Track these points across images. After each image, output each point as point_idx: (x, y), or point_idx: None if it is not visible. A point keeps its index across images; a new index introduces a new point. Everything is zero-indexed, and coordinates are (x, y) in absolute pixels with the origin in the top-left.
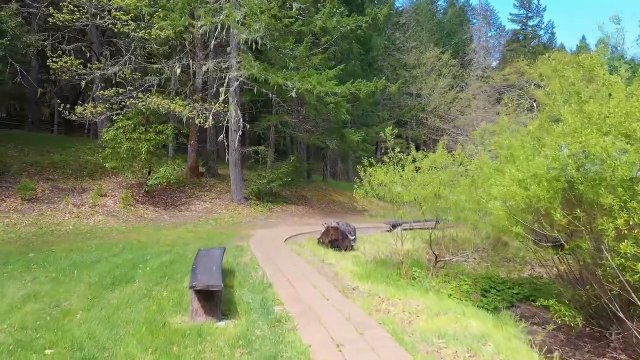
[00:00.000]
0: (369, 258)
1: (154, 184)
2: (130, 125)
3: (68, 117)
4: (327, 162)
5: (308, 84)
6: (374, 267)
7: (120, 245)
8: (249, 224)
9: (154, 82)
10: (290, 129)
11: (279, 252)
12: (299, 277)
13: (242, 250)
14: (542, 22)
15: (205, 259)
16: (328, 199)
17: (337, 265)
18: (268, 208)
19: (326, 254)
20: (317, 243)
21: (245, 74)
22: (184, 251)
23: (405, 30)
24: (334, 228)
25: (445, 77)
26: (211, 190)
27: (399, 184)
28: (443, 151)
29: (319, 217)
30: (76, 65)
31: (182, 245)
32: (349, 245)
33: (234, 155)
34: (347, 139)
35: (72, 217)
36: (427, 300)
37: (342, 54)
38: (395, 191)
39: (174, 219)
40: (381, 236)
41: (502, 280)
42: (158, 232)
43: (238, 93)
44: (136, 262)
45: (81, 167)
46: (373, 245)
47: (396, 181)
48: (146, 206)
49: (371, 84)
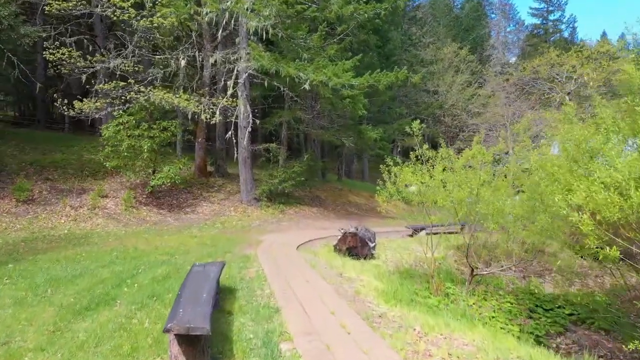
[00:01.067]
0: (391, 267)
1: (157, 184)
2: (132, 121)
3: (66, 113)
4: (342, 160)
5: (323, 75)
6: (397, 278)
7: (114, 254)
8: (258, 227)
9: (158, 75)
10: (303, 125)
11: (290, 262)
12: (313, 297)
13: (248, 259)
14: (563, 15)
15: (197, 279)
16: (344, 199)
17: (358, 280)
18: (279, 210)
19: (344, 264)
20: (332, 250)
21: (255, 65)
22: (183, 261)
23: (422, 25)
24: (352, 234)
25: (463, 72)
26: (219, 190)
27: (430, 184)
28: (480, 147)
29: (334, 220)
30: (75, 57)
31: (182, 254)
32: (369, 253)
33: (243, 153)
34: (365, 136)
35: (68, 220)
36: (476, 335)
37: (358, 45)
38: (429, 194)
39: (179, 222)
40: (403, 242)
41: (549, 297)
42: (159, 237)
43: (247, 87)
44: (125, 275)
45: (83, 166)
46: (395, 253)
47: (426, 182)
48: (149, 208)
49: (391, 73)
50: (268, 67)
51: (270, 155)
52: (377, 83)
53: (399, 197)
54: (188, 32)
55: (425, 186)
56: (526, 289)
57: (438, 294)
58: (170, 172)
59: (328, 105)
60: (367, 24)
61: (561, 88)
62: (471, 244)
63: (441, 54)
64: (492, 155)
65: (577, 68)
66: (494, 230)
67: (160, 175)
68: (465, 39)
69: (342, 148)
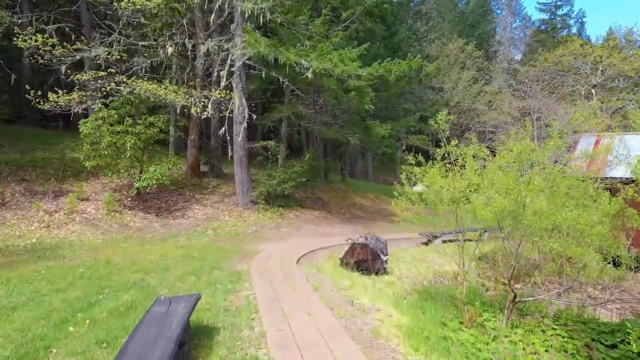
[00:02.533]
0: (408, 285)
1: (141, 185)
2: (114, 116)
3: (40, 107)
4: (346, 159)
5: (328, 61)
6: (417, 300)
7: (80, 270)
8: (254, 234)
9: (143, 64)
10: (304, 121)
11: (289, 282)
12: (318, 342)
13: (239, 278)
14: (571, 10)
15: (153, 325)
16: (348, 201)
17: (373, 311)
18: (279, 213)
19: (353, 284)
20: (339, 264)
21: (250, 52)
22: (158, 283)
23: (427, 20)
24: (361, 245)
25: (469, 69)
26: (213, 192)
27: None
28: (527, 143)
29: (338, 225)
30: (51, 45)
31: (160, 271)
32: (381, 268)
33: (239, 152)
34: (372, 133)
35: (40, 226)
36: None
37: (365, 34)
38: (475, 202)
39: (165, 228)
40: (417, 251)
41: (608, 328)
42: (139, 247)
43: (243, 78)
44: (80, 304)
45: (65, 165)
46: (410, 266)
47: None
48: (134, 212)
49: (403, 62)
50: (265, 53)
51: (268, 154)
52: (387, 73)
53: (421, 203)
54: (179, 18)
55: (458, 191)
56: (576, 317)
57: (471, 325)
58: (156, 173)
59: (332, 98)
60: (374, 9)
61: (586, 80)
62: (515, 265)
63: (447, 50)
64: (547, 154)
65: (604, 59)
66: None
67: (145, 176)
68: (471, 35)
69: (345, 146)
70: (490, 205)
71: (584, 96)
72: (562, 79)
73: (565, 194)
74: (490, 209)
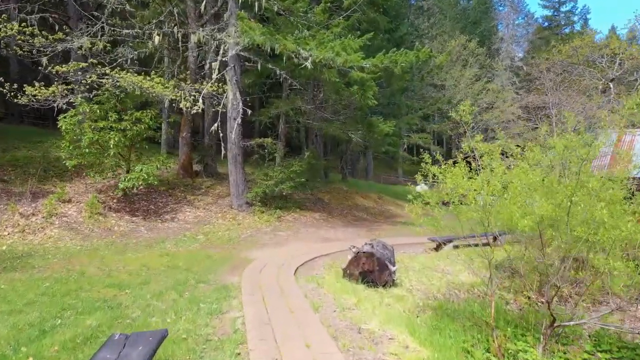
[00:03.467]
0: (420, 300)
1: (126, 186)
2: (97, 111)
3: (17, 101)
4: (347, 158)
5: (329, 50)
6: (431, 318)
7: (45, 285)
8: (249, 239)
9: (129, 55)
10: (304, 117)
11: (285, 300)
12: None
13: (227, 294)
14: (575, 7)
15: None
16: (350, 202)
17: (385, 341)
18: (276, 216)
19: (358, 302)
20: (341, 275)
21: (244, 41)
22: (133, 300)
23: (429, 16)
24: (367, 255)
25: (471, 66)
26: (207, 193)
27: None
28: (575, 136)
29: (340, 228)
30: (29, 34)
31: (138, 285)
32: (389, 280)
33: (233, 150)
34: (375, 130)
35: (14, 231)
36: None
37: (368, 25)
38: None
39: (153, 233)
40: (427, 259)
41: None
42: (120, 255)
43: (238, 71)
44: (29, 333)
45: (49, 164)
46: (420, 276)
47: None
48: (120, 215)
49: (410, 52)
50: (260, 42)
51: (265, 153)
52: (393, 65)
53: (440, 207)
54: (169, 7)
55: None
56: (618, 340)
57: (501, 354)
58: (142, 172)
59: (333, 93)
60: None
61: (603, 74)
62: (555, 285)
63: (448, 47)
64: (599, 149)
65: (622, 51)
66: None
67: (130, 176)
68: (473, 32)
69: (347, 144)
70: (530, 213)
71: (600, 90)
72: (579, 72)
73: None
74: (531, 217)
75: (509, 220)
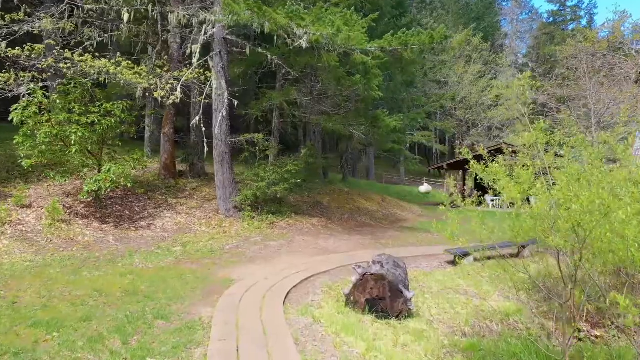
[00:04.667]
0: (445, 338)
1: (91, 189)
2: (56, 102)
3: None
4: (348, 156)
5: (328, 25)
6: None
7: None
8: (234, 251)
9: (97, 37)
10: (300, 110)
11: (268, 348)
12: None
13: (191, 340)
14: (582, 2)
15: None
16: (351, 205)
17: None
18: (268, 222)
19: (368, 349)
20: (344, 303)
21: (228, 18)
22: (56, 352)
23: (431, 10)
24: (376, 277)
25: (475, 62)
26: (191, 196)
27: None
28: None
29: (341, 235)
30: None
31: (73, 323)
32: (404, 309)
33: (220, 147)
34: (381, 124)
35: None
36: None
37: (372, 6)
38: None
39: (122, 243)
40: (444, 275)
41: None
42: (73, 274)
43: (225, 57)
44: None
45: (14, 165)
46: (440, 300)
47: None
48: (88, 222)
49: (424, 32)
50: (247, 19)
51: (256, 150)
52: (402, 48)
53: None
54: None
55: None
56: None
57: None
58: (111, 173)
59: (332, 81)
60: None
61: (635, 63)
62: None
63: (452, 42)
64: None
65: None
66: None
67: (96, 177)
68: (476, 28)
69: (348, 142)
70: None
71: (633, 80)
72: (612, 60)
73: None
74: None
75: (617, 251)
